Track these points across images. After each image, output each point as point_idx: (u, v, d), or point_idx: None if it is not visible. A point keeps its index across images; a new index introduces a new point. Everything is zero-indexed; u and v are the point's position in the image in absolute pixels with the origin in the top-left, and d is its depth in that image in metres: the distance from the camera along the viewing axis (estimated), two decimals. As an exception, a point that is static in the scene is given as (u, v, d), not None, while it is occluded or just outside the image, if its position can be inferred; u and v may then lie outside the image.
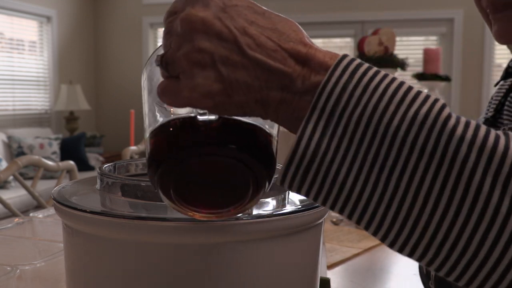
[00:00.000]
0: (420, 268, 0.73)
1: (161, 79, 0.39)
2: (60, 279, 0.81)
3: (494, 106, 0.71)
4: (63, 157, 4.87)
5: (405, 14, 5.12)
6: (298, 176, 0.36)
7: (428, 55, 3.01)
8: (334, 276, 1.07)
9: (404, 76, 4.11)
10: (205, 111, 0.38)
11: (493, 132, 0.36)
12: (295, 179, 0.37)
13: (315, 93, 0.35)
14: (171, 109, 0.41)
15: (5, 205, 1.63)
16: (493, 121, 0.70)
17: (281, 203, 0.50)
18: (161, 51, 0.38)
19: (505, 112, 0.69)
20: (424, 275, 0.71)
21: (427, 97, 0.36)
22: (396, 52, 3.33)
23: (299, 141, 0.35)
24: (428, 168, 0.34)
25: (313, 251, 0.51)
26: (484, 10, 0.60)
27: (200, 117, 0.38)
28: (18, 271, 0.72)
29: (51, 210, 1.15)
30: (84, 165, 4.99)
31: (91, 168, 5.06)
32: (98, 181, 0.52)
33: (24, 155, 1.91)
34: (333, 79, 0.35)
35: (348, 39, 5.46)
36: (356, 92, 0.35)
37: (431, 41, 5.32)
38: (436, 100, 0.36)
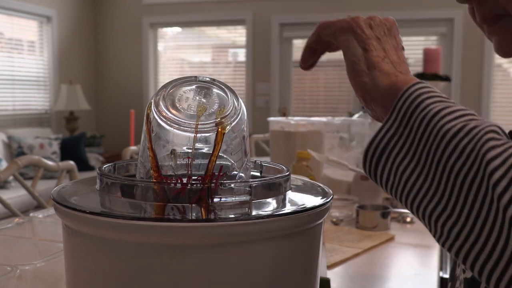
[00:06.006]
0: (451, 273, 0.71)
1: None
2: (60, 279, 0.81)
3: None
4: (63, 157, 4.87)
5: (405, 14, 5.12)
6: (372, 165, 0.49)
7: (428, 55, 3.00)
8: (334, 276, 1.07)
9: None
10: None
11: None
12: (371, 167, 0.50)
13: (396, 95, 0.50)
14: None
15: (5, 205, 1.63)
16: None
17: (281, 204, 0.50)
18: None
19: None
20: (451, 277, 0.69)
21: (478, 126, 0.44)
22: (396, 52, 3.31)
23: (377, 134, 0.49)
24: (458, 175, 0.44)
25: (313, 251, 0.51)
26: (481, 26, 0.59)
27: None
28: (18, 271, 0.72)
29: (51, 210, 1.15)
30: (84, 165, 4.99)
31: (91, 168, 5.06)
32: (98, 181, 0.52)
33: (24, 155, 1.91)
34: (410, 90, 0.49)
35: (348, 39, 5.45)
36: (426, 101, 0.47)
37: (431, 41, 5.32)
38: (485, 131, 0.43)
